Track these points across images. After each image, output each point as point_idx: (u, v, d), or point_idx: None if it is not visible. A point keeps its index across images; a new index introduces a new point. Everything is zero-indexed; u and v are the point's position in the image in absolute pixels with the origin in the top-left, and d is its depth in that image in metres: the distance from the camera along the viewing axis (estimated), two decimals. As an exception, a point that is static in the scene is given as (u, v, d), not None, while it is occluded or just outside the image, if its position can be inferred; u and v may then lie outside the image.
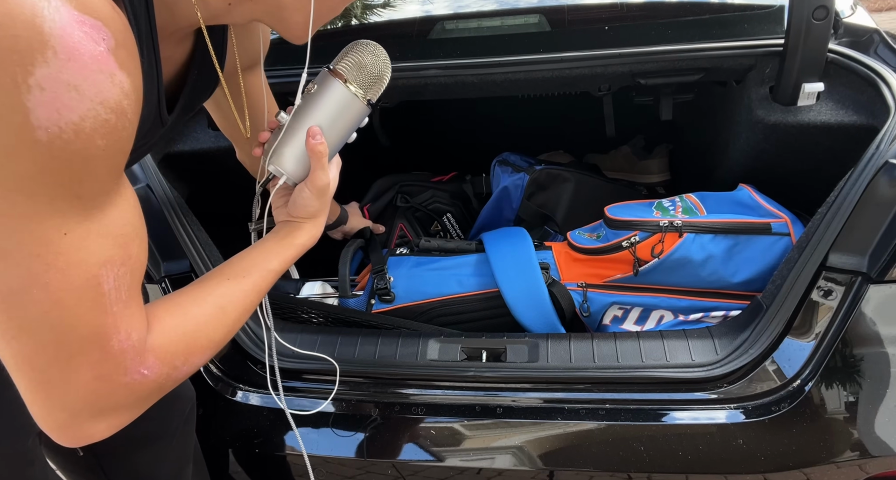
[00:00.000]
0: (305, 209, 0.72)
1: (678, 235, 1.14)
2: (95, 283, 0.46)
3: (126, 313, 0.49)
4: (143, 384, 0.51)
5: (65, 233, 0.43)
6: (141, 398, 0.52)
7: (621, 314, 1.20)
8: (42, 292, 0.43)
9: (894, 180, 0.90)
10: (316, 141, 0.69)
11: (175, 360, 0.54)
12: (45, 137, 0.40)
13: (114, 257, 0.47)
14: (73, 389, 0.47)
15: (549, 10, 1.53)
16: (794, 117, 1.20)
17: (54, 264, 0.43)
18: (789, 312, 0.94)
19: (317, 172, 0.70)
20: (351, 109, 0.73)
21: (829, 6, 1.11)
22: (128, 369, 0.49)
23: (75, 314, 0.45)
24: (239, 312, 0.62)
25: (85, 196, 0.44)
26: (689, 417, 0.93)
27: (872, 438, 0.88)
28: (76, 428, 0.50)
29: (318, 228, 0.74)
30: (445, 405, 0.99)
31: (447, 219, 1.66)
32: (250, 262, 0.66)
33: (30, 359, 0.46)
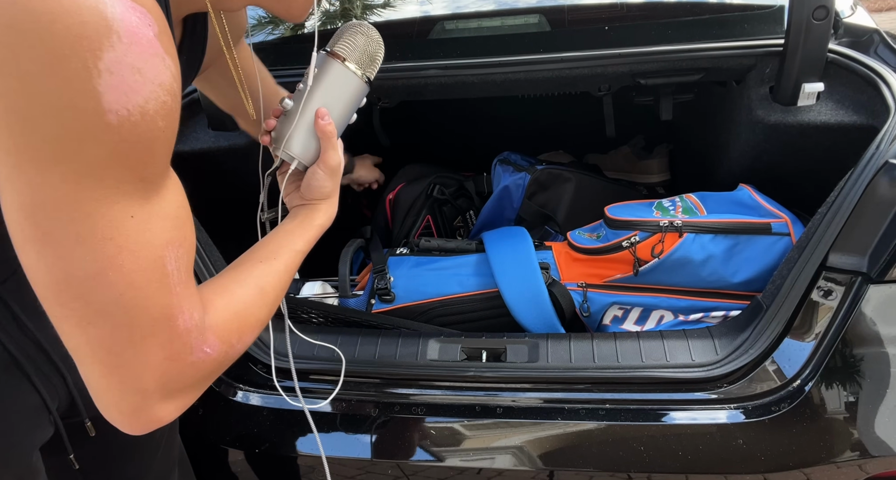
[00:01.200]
0: (320, 190, 0.74)
1: (678, 235, 1.14)
2: (161, 263, 0.47)
3: (187, 293, 0.50)
4: (206, 363, 0.52)
5: (132, 216, 0.45)
6: (205, 377, 0.54)
7: (621, 314, 1.20)
8: (117, 274, 0.45)
9: (894, 180, 0.90)
10: (325, 122, 0.71)
11: (231, 338, 0.55)
12: (116, 121, 0.41)
13: (174, 238, 0.48)
14: (146, 370, 0.48)
15: (549, 10, 1.53)
16: (794, 117, 1.20)
17: (125, 246, 0.45)
18: (789, 312, 0.94)
19: (328, 153, 0.73)
20: (351, 88, 0.74)
21: (829, 6, 1.11)
22: (193, 347, 0.51)
23: (146, 294, 0.47)
24: (277, 291, 0.64)
25: (149, 179, 0.46)
26: (689, 417, 0.93)
27: (872, 438, 0.88)
28: (148, 411, 0.50)
29: (334, 207, 0.76)
30: (445, 405, 0.99)
31: (469, 216, 1.67)
32: (277, 244, 0.68)
33: (106, 343, 0.47)
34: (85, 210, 0.42)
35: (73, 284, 0.44)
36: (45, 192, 0.41)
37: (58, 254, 0.43)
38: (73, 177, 0.41)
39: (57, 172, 0.41)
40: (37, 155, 0.41)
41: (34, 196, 0.42)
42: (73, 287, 0.44)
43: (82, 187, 0.42)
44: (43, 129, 0.40)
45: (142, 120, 0.43)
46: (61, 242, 0.43)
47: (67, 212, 0.42)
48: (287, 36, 1.66)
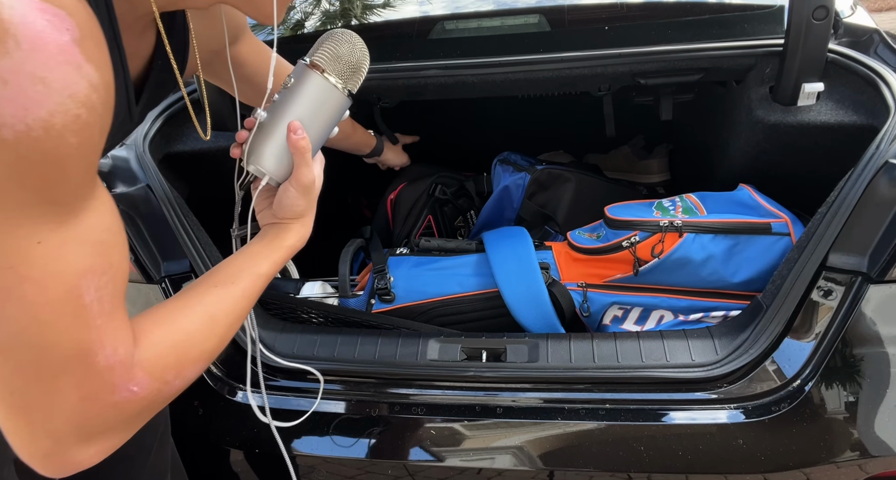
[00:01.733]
0: (292, 209, 0.69)
1: (678, 235, 1.14)
2: (76, 295, 0.42)
3: (111, 326, 0.46)
4: (132, 403, 0.47)
5: (38, 242, 0.40)
6: (131, 418, 0.49)
7: (621, 314, 1.20)
8: (17, 308, 0.40)
9: (894, 180, 0.90)
10: (298, 136, 0.66)
11: (166, 374, 0.50)
12: (12, 136, 0.37)
13: (94, 266, 0.44)
14: (57, 412, 0.44)
15: (548, 10, 1.53)
16: (794, 117, 1.20)
17: (29, 276, 0.40)
18: (789, 312, 0.94)
19: (301, 169, 0.67)
20: (331, 102, 0.70)
21: (829, 6, 1.11)
22: (116, 386, 0.46)
23: (56, 329, 0.42)
24: (230, 320, 0.59)
25: (59, 201, 0.41)
26: (689, 417, 0.93)
27: (872, 438, 0.88)
28: (63, 456, 0.46)
29: (307, 227, 0.71)
30: (445, 405, 0.99)
31: (470, 216, 1.67)
32: (238, 267, 0.63)
33: (8, 382, 0.42)
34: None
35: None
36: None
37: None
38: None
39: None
40: None
41: None
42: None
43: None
44: None
45: (45, 136, 0.38)
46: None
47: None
48: (286, 36, 1.66)
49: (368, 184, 1.88)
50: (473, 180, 1.70)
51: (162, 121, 1.28)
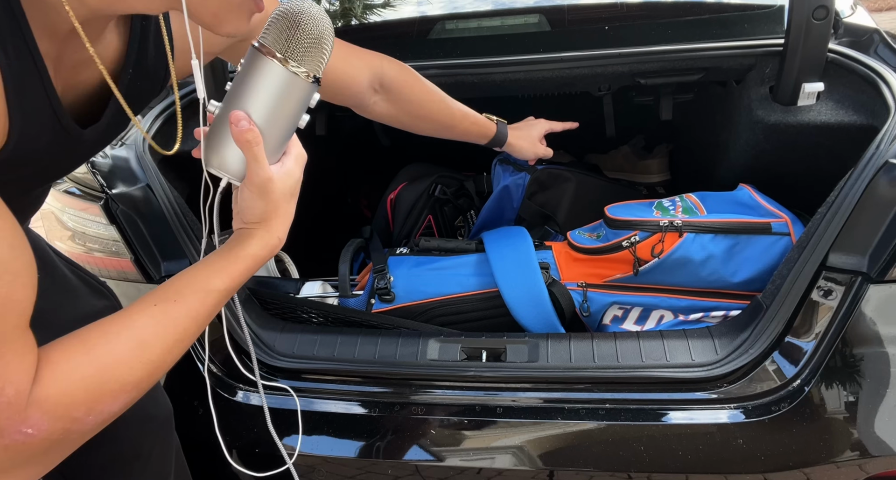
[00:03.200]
0: (251, 212, 0.61)
1: (678, 234, 1.14)
2: None
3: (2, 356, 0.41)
4: (28, 445, 0.42)
5: None
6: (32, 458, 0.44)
7: (621, 314, 1.20)
8: None
9: (894, 180, 0.90)
10: (240, 128, 0.57)
11: (73, 412, 0.44)
12: None
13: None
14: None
15: (548, 10, 1.53)
16: (794, 117, 1.21)
17: None
18: (789, 312, 0.94)
19: (251, 166, 0.59)
20: (289, 89, 0.60)
21: (829, 6, 1.11)
22: (3, 429, 0.41)
23: None
24: (167, 343, 0.51)
25: None
26: (689, 417, 0.93)
27: (872, 438, 0.88)
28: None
29: (273, 234, 0.62)
30: (445, 405, 0.99)
31: (470, 215, 1.66)
32: (185, 282, 0.55)
33: None
34: None
35: None
36: None
37: None
38: None
39: None
40: None
41: None
42: None
43: None
44: None
45: None
46: None
47: None
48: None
49: (368, 184, 1.88)
50: (473, 179, 1.70)
51: (162, 121, 1.28)
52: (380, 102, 1.08)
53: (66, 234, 1.30)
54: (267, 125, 0.59)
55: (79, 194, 1.25)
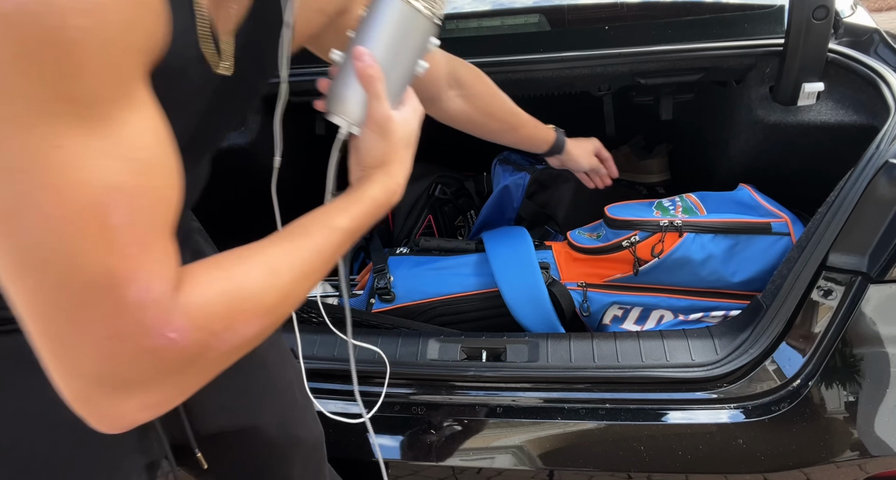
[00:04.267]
0: (370, 154, 0.61)
1: (678, 234, 1.14)
2: (101, 212, 0.37)
3: (146, 258, 0.39)
4: (171, 351, 0.41)
5: (58, 146, 0.35)
6: (171, 371, 0.42)
7: (621, 314, 1.20)
8: (35, 217, 0.36)
9: (894, 180, 0.90)
10: (364, 63, 0.58)
11: (213, 324, 0.43)
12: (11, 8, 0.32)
13: (126, 183, 0.38)
14: (85, 349, 0.39)
15: (549, 9, 1.53)
16: (794, 117, 1.20)
17: (46, 182, 0.35)
18: (789, 312, 0.94)
19: (372, 103, 0.59)
20: (411, 25, 0.60)
21: (829, 6, 1.11)
22: (150, 329, 0.40)
23: (78, 248, 0.37)
24: (295, 274, 0.50)
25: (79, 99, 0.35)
26: (689, 417, 0.93)
27: (872, 438, 0.88)
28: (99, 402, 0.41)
29: (393, 178, 0.61)
30: (445, 405, 0.99)
31: (470, 215, 1.66)
32: (311, 219, 0.55)
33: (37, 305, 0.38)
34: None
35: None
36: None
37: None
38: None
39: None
40: None
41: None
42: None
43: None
44: None
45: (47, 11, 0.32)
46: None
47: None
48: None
49: None
50: (473, 179, 1.70)
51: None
52: (454, 98, 1.06)
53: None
54: (387, 64, 0.60)
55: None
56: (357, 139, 0.62)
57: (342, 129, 0.62)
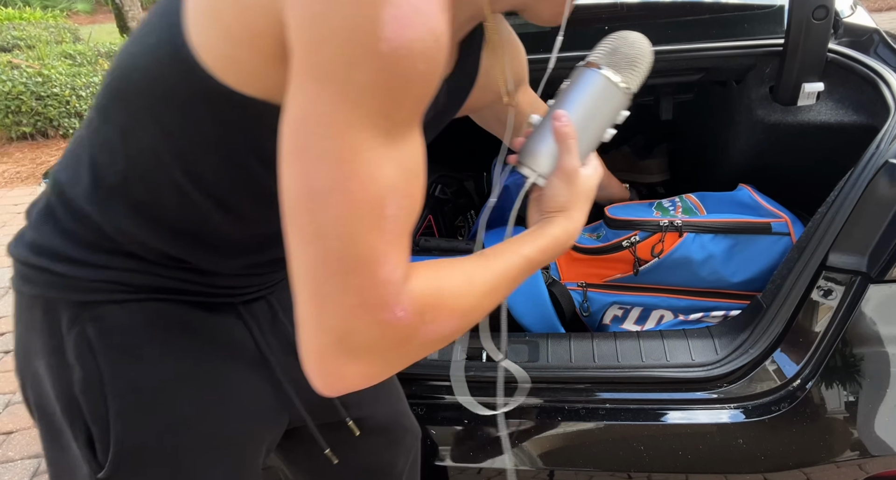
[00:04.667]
0: (554, 200, 0.68)
1: (678, 234, 1.14)
2: (381, 204, 0.47)
3: (396, 247, 0.49)
4: (394, 327, 0.50)
5: (371, 148, 0.46)
6: (389, 345, 0.51)
7: (621, 314, 1.20)
8: (342, 198, 0.46)
9: (894, 180, 0.90)
10: (561, 123, 0.67)
11: (425, 312, 0.52)
12: (387, 49, 0.43)
13: (399, 186, 0.48)
14: (339, 310, 0.48)
15: (549, 10, 1.53)
16: (794, 117, 1.21)
17: (357, 173, 0.46)
18: (789, 312, 0.94)
19: (563, 156, 0.67)
20: (604, 95, 0.69)
21: (829, 6, 1.11)
22: (387, 303, 0.49)
23: (361, 228, 0.47)
24: (486, 287, 0.58)
25: (394, 119, 0.47)
26: (689, 417, 0.93)
27: (872, 437, 0.88)
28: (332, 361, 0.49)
29: (572, 222, 0.69)
30: (445, 405, 0.99)
31: (470, 215, 1.66)
32: (502, 246, 0.64)
33: (316, 267, 0.47)
34: (337, 129, 0.45)
35: (308, 197, 0.46)
36: (314, 107, 0.45)
37: (304, 167, 0.46)
38: (338, 97, 0.44)
39: (328, 90, 0.44)
40: (317, 72, 0.45)
41: (305, 110, 0.46)
42: (307, 201, 0.47)
43: (342, 108, 0.45)
44: (327, 48, 0.44)
45: (407, 56, 0.44)
46: (310, 154, 0.46)
47: (324, 128, 0.45)
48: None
49: None
50: (473, 179, 1.70)
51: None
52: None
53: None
54: (580, 128, 0.68)
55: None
56: (540, 189, 0.70)
57: (529, 179, 0.70)
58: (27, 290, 0.63)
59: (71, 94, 4.94)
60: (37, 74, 4.90)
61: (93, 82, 5.09)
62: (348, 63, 0.44)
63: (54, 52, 6.04)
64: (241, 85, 0.52)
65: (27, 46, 6.79)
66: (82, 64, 5.80)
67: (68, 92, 4.92)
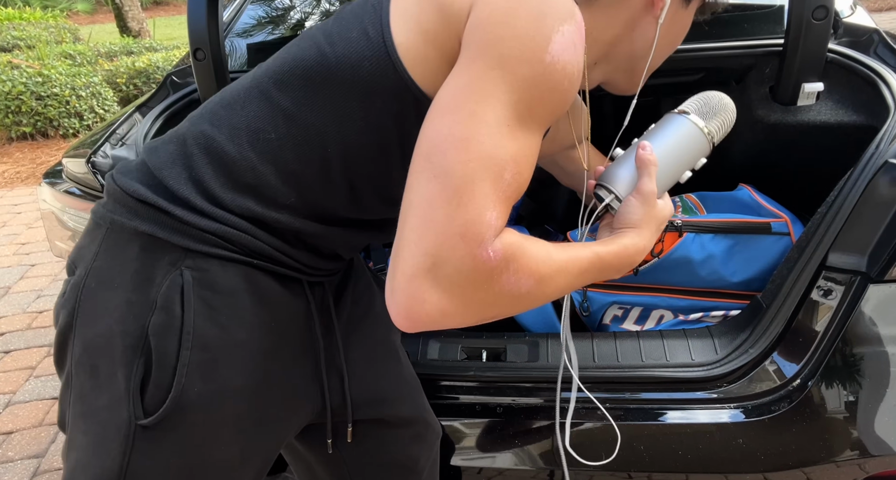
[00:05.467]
0: (628, 216, 0.74)
1: (678, 234, 1.14)
2: (501, 167, 0.57)
3: (502, 204, 0.57)
4: (483, 263, 0.55)
5: (507, 124, 0.58)
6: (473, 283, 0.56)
7: (621, 314, 1.20)
8: (476, 147, 0.56)
9: (894, 180, 0.90)
10: (645, 152, 0.75)
11: (511, 261, 0.58)
12: (549, 60, 0.58)
13: (517, 161, 0.58)
14: (442, 236, 0.55)
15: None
16: (794, 117, 1.21)
17: (492, 135, 0.57)
18: (789, 311, 0.94)
19: (643, 179, 0.74)
20: (687, 138, 0.76)
21: (829, 6, 1.11)
22: (484, 240, 0.55)
23: (483, 175, 0.56)
24: (560, 264, 0.64)
25: (531, 113, 0.59)
26: (689, 416, 0.93)
27: (872, 437, 0.88)
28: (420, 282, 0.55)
29: (642, 239, 0.73)
30: (445, 405, 0.99)
31: None
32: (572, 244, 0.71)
33: (434, 197, 0.56)
34: (491, 100, 0.57)
35: (445, 142, 0.56)
36: (479, 81, 0.58)
37: (454, 117, 0.57)
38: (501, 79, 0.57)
39: (496, 72, 0.57)
40: (491, 60, 0.58)
41: (469, 81, 0.58)
42: (444, 144, 0.56)
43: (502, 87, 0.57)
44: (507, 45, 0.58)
45: (560, 71, 0.59)
46: (462, 111, 0.57)
47: (480, 95, 0.57)
48: (287, 36, 1.65)
49: None
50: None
51: (163, 120, 1.28)
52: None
53: (66, 234, 1.31)
54: (662, 163, 0.74)
55: (79, 194, 1.25)
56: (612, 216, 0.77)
57: (605, 200, 0.76)
58: (132, 224, 0.65)
59: (71, 94, 4.94)
60: (37, 74, 4.90)
61: (93, 82, 5.10)
62: (519, 59, 0.57)
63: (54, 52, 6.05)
64: (422, 81, 0.64)
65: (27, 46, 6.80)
66: (82, 64, 5.81)
67: (68, 92, 4.92)
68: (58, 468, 1.80)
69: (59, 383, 0.71)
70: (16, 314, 2.65)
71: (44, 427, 1.95)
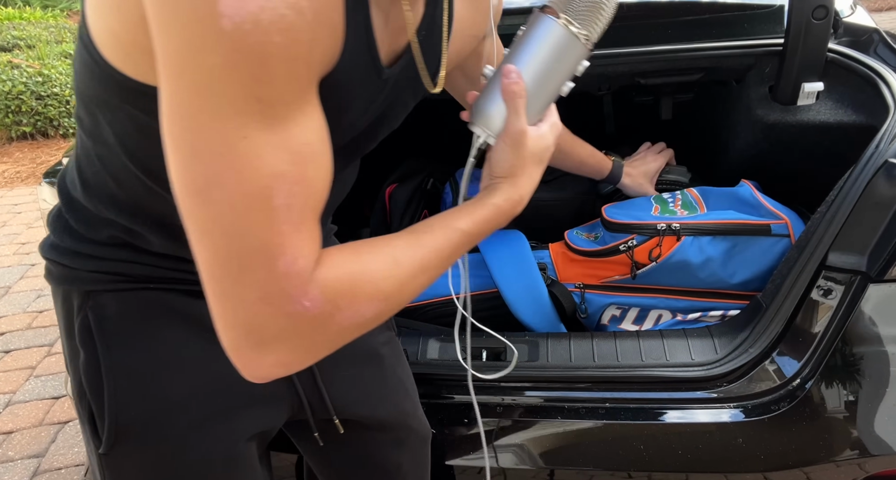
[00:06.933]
0: (499, 164, 0.65)
1: (676, 238, 1.14)
2: (266, 194, 0.45)
3: (295, 236, 0.47)
4: (303, 317, 0.48)
5: (244, 136, 0.43)
6: (301, 334, 0.49)
7: (619, 314, 1.20)
8: (220, 193, 0.44)
9: (894, 180, 0.90)
10: (509, 80, 0.62)
11: (339, 300, 0.50)
12: (230, 26, 0.40)
13: (287, 172, 0.45)
14: (242, 306, 0.47)
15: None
16: (794, 117, 1.21)
17: (233, 165, 0.43)
18: (789, 311, 0.94)
19: (509, 118, 0.63)
20: (565, 49, 0.62)
21: (829, 6, 1.11)
22: (291, 295, 0.47)
23: (246, 222, 0.45)
24: (414, 267, 0.56)
25: (264, 100, 0.43)
26: (689, 416, 0.93)
27: (872, 437, 0.88)
28: (247, 353, 0.48)
29: (517, 189, 0.65)
30: (446, 405, 0.99)
31: None
32: (436, 219, 0.61)
33: (212, 264, 0.46)
34: (200, 121, 0.43)
35: (189, 195, 0.45)
36: (175, 101, 0.43)
37: (181, 163, 0.44)
38: (195, 88, 0.42)
39: (184, 81, 0.42)
40: (171, 64, 0.42)
41: (169, 106, 0.44)
42: (189, 198, 0.45)
43: (200, 97, 0.42)
44: (173, 38, 0.42)
45: (253, 30, 0.41)
46: (182, 150, 0.44)
47: (188, 122, 0.43)
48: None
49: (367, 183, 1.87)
50: None
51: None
52: None
53: (66, 233, 1.30)
54: (533, 83, 0.62)
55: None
56: (491, 150, 0.66)
57: (480, 139, 0.65)
58: (51, 283, 0.71)
59: (71, 93, 4.93)
60: (37, 74, 4.90)
61: (93, 82, 5.09)
62: (195, 49, 0.41)
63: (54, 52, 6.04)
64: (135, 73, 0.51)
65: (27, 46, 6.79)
66: (82, 64, 5.79)
67: (68, 92, 4.92)
68: (58, 467, 1.80)
69: (59, 382, 0.80)
70: (16, 313, 2.65)
71: (44, 427, 1.95)
